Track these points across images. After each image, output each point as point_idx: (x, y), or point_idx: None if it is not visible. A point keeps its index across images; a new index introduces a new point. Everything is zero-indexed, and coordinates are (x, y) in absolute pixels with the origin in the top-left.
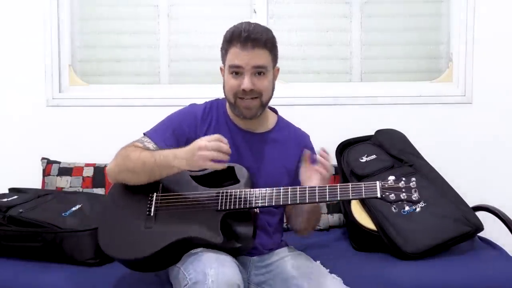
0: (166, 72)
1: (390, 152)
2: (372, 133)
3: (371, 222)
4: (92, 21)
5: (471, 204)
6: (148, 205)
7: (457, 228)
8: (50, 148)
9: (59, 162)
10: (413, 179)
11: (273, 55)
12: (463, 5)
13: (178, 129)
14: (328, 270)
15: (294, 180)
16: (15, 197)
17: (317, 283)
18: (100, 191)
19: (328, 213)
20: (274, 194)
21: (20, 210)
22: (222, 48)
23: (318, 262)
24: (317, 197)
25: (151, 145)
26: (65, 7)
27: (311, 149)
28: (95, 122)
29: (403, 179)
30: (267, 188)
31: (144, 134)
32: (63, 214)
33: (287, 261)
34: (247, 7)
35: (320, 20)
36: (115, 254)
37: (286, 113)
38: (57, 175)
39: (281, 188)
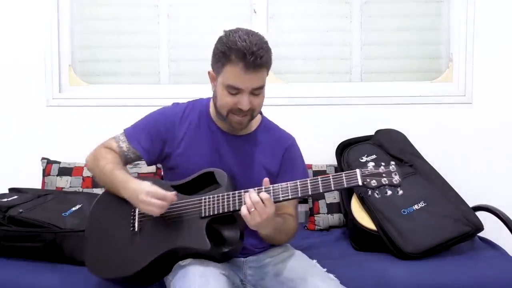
0: (166, 72)
1: (390, 152)
2: (372, 133)
3: (371, 222)
4: (92, 21)
5: (471, 204)
6: (132, 220)
7: (457, 228)
8: (50, 148)
9: (59, 162)
10: (392, 163)
11: (269, 68)
12: (463, 5)
13: (153, 130)
14: (325, 269)
15: (275, 182)
16: (15, 197)
17: (314, 285)
18: (100, 191)
19: (328, 213)
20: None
21: (20, 210)
22: (217, 59)
23: (315, 261)
24: (299, 191)
25: (125, 145)
26: (65, 7)
27: (295, 151)
28: (95, 122)
29: (382, 163)
30: (248, 190)
31: (124, 130)
32: (63, 214)
33: (283, 262)
34: (247, 7)
35: (320, 20)
36: (104, 275)
37: (286, 113)
38: (57, 175)
39: (262, 187)
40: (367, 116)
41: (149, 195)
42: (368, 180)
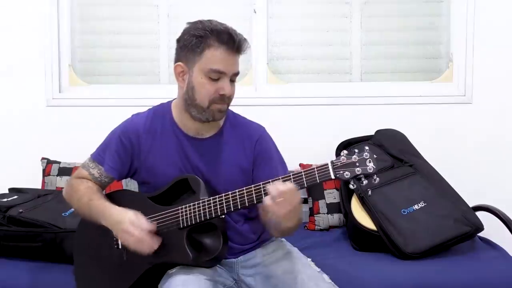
0: (166, 72)
1: (390, 152)
2: (372, 133)
3: (371, 222)
4: (92, 21)
5: (471, 204)
6: (115, 238)
7: (457, 228)
8: (50, 148)
9: (59, 162)
10: (366, 148)
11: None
12: (463, 5)
13: (120, 148)
14: (319, 270)
15: (250, 177)
16: (15, 197)
17: None
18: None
19: (328, 213)
20: (230, 198)
21: (20, 210)
22: (194, 47)
23: (309, 260)
24: None
25: (95, 171)
26: (65, 7)
27: (266, 142)
28: (95, 122)
29: (356, 151)
30: (223, 194)
31: (90, 156)
32: (63, 214)
33: (277, 263)
34: (247, 7)
35: (320, 20)
36: None
37: (286, 113)
38: (57, 175)
39: (237, 191)
40: (367, 116)
41: (136, 226)
42: (341, 171)
